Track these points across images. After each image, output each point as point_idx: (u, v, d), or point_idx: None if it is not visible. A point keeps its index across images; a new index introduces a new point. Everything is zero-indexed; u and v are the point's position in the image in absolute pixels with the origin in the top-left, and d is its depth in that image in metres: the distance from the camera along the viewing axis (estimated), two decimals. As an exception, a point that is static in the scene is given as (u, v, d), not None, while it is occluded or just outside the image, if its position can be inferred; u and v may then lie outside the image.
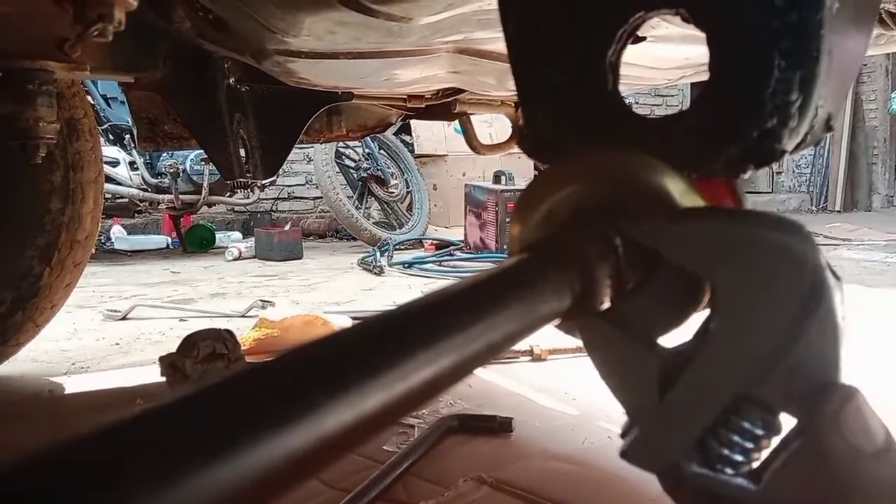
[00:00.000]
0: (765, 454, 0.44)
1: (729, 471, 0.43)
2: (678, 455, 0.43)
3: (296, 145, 1.67)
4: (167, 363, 1.58)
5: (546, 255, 0.38)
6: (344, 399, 0.21)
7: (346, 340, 0.24)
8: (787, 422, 0.44)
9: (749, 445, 0.43)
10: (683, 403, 0.43)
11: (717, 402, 0.41)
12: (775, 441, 0.44)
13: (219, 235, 5.64)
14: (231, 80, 1.50)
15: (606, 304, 0.43)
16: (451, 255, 4.86)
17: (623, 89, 0.52)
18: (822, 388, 0.41)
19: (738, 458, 0.43)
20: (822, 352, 0.41)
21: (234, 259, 4.90)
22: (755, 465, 0.44)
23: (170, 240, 5.48)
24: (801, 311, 0.39)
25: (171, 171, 4.71)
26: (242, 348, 1.70)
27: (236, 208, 6.24)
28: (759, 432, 0.43)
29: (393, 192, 5.91)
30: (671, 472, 0.44)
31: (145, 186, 4.80)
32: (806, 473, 0.41)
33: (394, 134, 5.80)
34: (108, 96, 4.66)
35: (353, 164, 5.85)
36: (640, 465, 0.46)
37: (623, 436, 0.48)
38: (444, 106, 1.74)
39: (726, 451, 0.43)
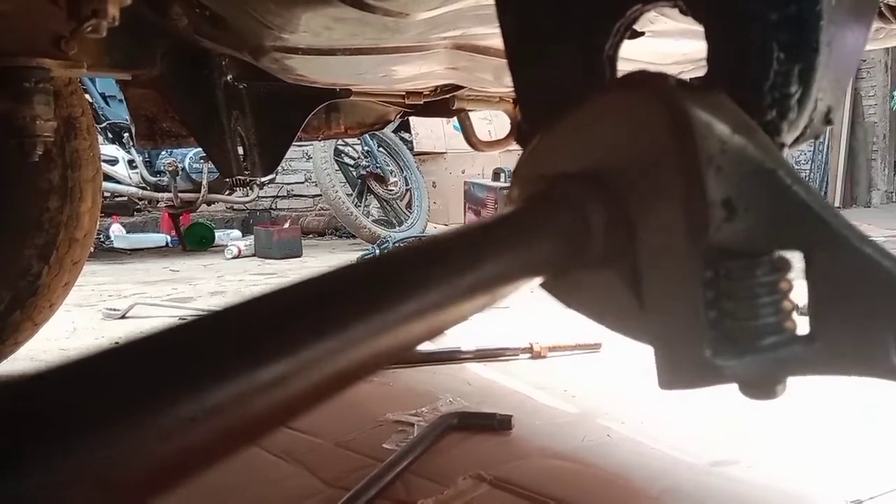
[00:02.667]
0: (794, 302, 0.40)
1: (772, 340, 0.39)
2: (704, 355, 0.39)
3: (294, 143, 1.67)
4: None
5: (542, 204, 0.37)
6: (340, 335, 0.21)
7: (344, 277, 0.23)
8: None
9: (765, 300, 0.39)
10: (660, 294, 0.39)
11: (690, 277, 0.38)
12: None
13: (218, 234, 5.64)
14: (229, 77, 1.50)
15: (601, 251, 0.39)
16: (451, 252, 4.85)
17: (621, 84, 0.52)
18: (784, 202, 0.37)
19: (768, 319, 0.39)
20: (735, 174, 0.37)
21: (234, 257, 4.90)
22: (793, 320, 0.39)
23: (169, 238, 5.48)
24: (677, 147, 0.36)
25: (170, 169, 4.71)
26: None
27: (235, 206, 6.23)
28: (763, 280, 0.39)
29: (392, 190, 5.90)
30: (720, 376, 0.39)
31: (144, 185, 4.80)
32: (848, 303, 0.38)
33: (393, 131, 5.80)
34: (106, 94, 4.66)
35: (352, 162, 5.84)
36: (679, 387, 0.41)
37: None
38: (442, 103, 1.73)
39: (753, 322, 0.39)
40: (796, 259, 0.40)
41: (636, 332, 0.43)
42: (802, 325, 0.41)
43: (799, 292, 0.41)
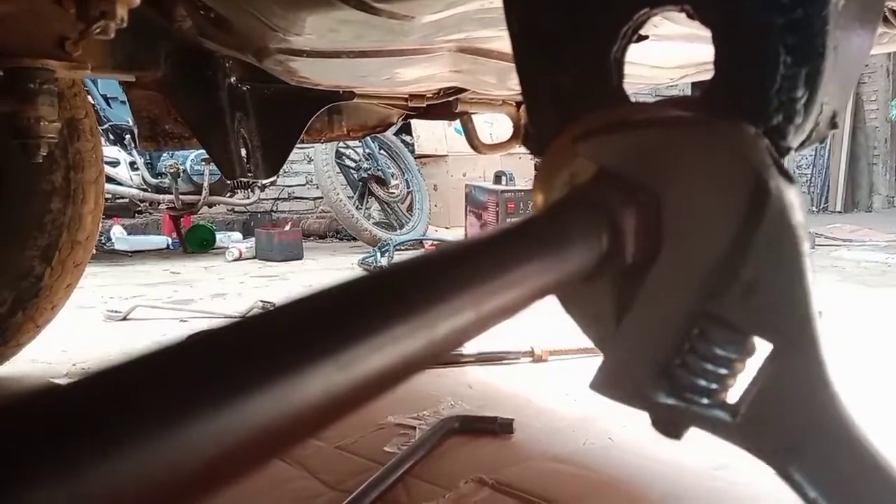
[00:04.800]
0: (740, 382, 0.43)
1: (704, 400, 0.42)
2: (642, 382, 0.42)
3: (296, 145, 1.67)
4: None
5: (572, 209, 0.37)
6: (367, 344, 0.21)
7: (370, 285, 0.23)
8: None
9: (721, 371, 0.41)
10: (638, 326, 0.41)
11: (672, 322, 0.40)
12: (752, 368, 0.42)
13: (219, 236, 5.63)
14: (232, 79, 1.50)
15: (631, 259, 0.40)
16: (452, 255, 4.85)
17: (626, 87, 0.52)
18: (790, 308, 0.38)
19: (712, 385, 0.42)
20: (777, 265, 0.38)
21: (235, 259, 4.89)
22: (730, 393, 0.43)
23: (170, 240, 5.47)
24: (745, 220, 0.37)
25: (172, 171, 4.71)
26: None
27: (237, 208, 6.23)
28: (730, 356, 0.41)
29: (393, 193, 5.90)
30: (643, 402, 0.43)
31: (146, 186, 4.80)
32: (783, 403, 0.40)
33: (394, 134, 5.80)
34: (108, 96, 4.66)
35: (353, 165, 5.84)
36: (605, 395, 0.45)
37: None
38: (445, 105, 1.74)
39: (698, 380, 0.42)
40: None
41: (603, 342, 0.45)
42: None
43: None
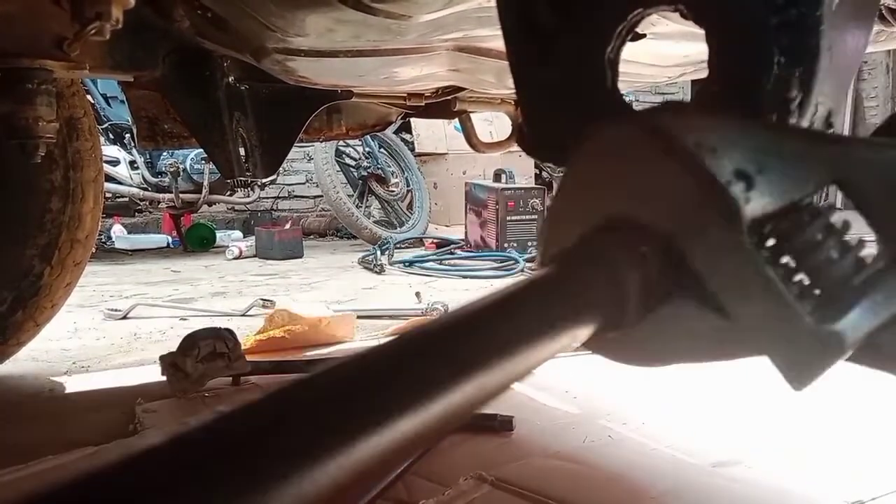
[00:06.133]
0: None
1: (862, 276, 0.37)
2: (811, 327, 0.36)
3: (296, 144, 1.67)
4: (168, 362, 1.57)
5: (577, 267, 0.37)
6: (389, 421, 0.21)
7: (380, 356, 0.24)
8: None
9: (831, 240, 0.37)
10: (740, 299, 0.37)
11: (746, 259, 0.36)
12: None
13: (219, 234, 5.64)
14: (230, 79, 1.50)
15: (635, 319, 0.39)
16: (452, 253, 4.85)
17: (623, 86, 0.52)
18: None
19: (844, 258, 0.37)
20: (728, 142, 0.37)
21: (235, 258, 4.90)
22: (864, 252, 0.39)
23: (170, 239, 5.48)
24: (667, 155, 0.36)
25: (172, 170, 4.71)
26: (243, 347, 1.70)
27: (237, 207, 6.23)
28: (817, 222, 0.38)
29: (393, 191, 5.90)
30: (840, 343, 0.37)
31: (145, 185, 4.80)
32: None
33: (394, 132, 5.80)
34: (108, 95, 4.66)
35: (353, 163, 5.84)
36: (811, 378, 0.39)
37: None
38: (443, 104, 1.74)
39: (833, 268, 0.37)
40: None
41: (738, 351, 0.41)
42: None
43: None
